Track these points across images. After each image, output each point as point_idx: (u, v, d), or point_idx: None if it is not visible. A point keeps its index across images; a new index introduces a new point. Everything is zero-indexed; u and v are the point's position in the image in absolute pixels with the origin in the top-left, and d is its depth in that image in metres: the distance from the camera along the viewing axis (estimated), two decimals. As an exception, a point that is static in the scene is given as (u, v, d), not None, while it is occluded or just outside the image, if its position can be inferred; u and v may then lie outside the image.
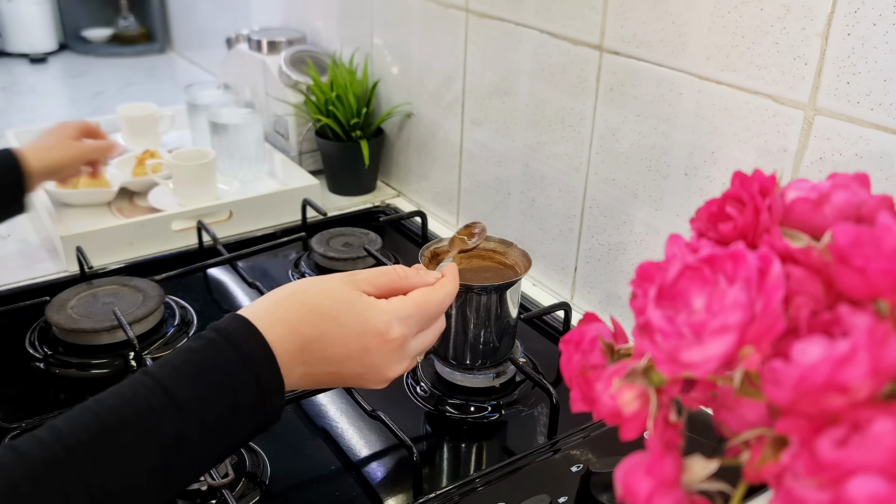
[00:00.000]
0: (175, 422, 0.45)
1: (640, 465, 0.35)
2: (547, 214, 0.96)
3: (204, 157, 1.14)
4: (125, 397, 0.45)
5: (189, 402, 0.46)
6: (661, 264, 0.38)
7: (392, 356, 0.54)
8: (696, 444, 0.62)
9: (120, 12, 2.21)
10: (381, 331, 0.53)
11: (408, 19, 1.12)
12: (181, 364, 0.48)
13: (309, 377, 0.52)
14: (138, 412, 0.45)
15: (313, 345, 0.51)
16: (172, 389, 0.46)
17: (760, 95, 0.68)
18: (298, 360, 0.51)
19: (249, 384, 0.48)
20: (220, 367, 0.48)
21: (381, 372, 0.54)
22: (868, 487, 0.28)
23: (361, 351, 0.52)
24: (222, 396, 0.47)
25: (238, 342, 0.49)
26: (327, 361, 0.52)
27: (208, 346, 0.48)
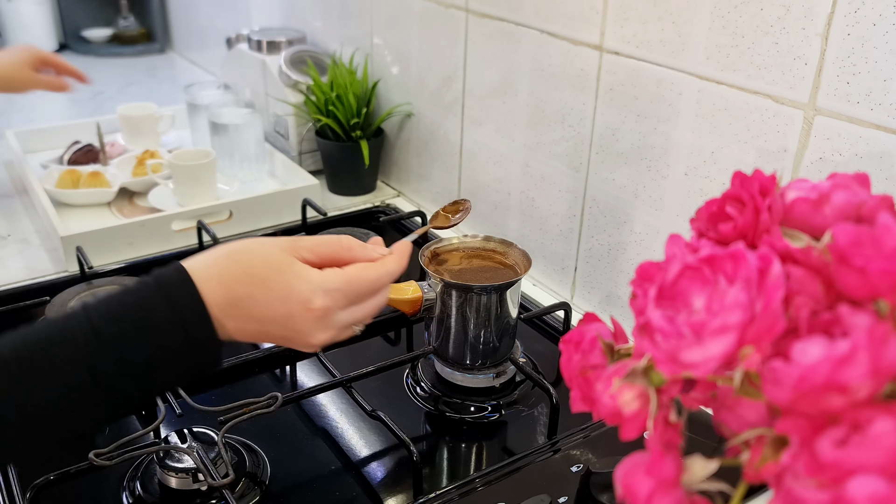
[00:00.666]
0: (93, 351, 0.48)
1: (640, 465, 0.35)
2: (547, 214, 0.96)
3: (204, 157, 1.14)
4: (56, 324, 0.50)
5: (110, 336, 0.49)
6: (661, 264, 0.38)
7: (314, 325, 0.55)
8: (696, 444, 0.62)
9: (120, 12, 2.21)
10: (305, 300, 0.54)
11: (408, 19, 1.12)
12: (113, 302, 0.51)
13: (241, 331, 0.54)
14: (64, 337, 0.48)
15: (242, 302, 0.53)
16: (97, 322, 0.49)
17: (760, 95, 0.68)
18: (229, 314, 0.53)
19: (175, 328, 0.51)
20: (146, 309, 0.50)
21: (304, 338, 0.56)
22: (868, 487, 0.28)
23: (285, 316, 0.54)
24: (144, 336, 0.50)
25: (169, 289, 0.52)
26: (255, 320, 0.54)
27: (142, 289, 0.52)
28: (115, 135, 1.41)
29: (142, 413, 0.75)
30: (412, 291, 0.76)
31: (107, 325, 0.49)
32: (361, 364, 0.76)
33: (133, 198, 1.20)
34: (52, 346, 0.48)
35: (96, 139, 1.29)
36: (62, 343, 0.48)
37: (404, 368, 0.81)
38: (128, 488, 0.65)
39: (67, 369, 0.48)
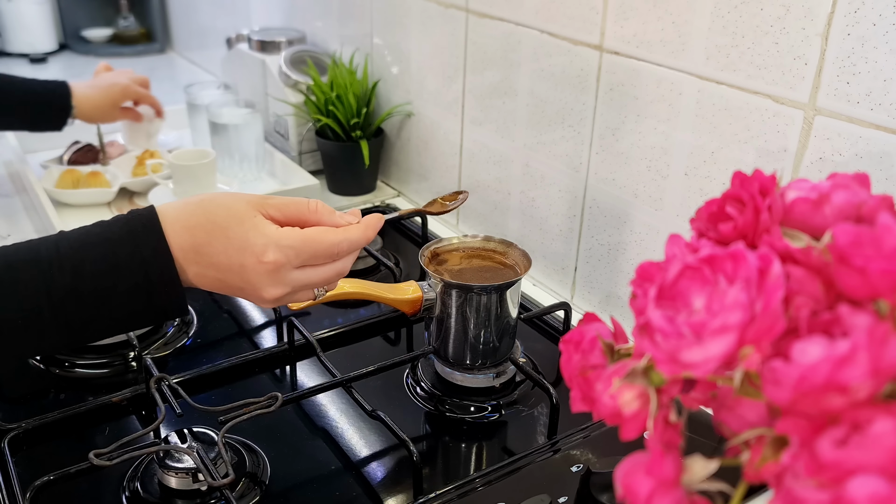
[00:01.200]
0: (55, 274, 0.52)
1: (640, 465, 0.35)
2: (547, 214, 0.96)
3: (204, 157, 1.14)
4: (30, 245, 0.53)
5: (72, 262, 0.52)
6: (661, 264, 0.38)
7: (265, 279, 0.57)
8: (696, 444, 0.62)
9: (120, 12, 2.21)
10: (257, 252, 0.56)
11: (408, 19, 1.12)
12: (83, 232, 0.54)
13: (202, 277, 0.57)
14: (30, 258, 0.52)
15: (203, 249, 0.56)
16: (63, 249, 0.53)
17: (760, 95, 0.68)
18: (191, 259, 0.56)
19: (135, 265, 0.53)
20: (111, 242, 0.54)
21: (257, 291, 0.57)
22: (868, 487, 0.28)
23: (240, 266, 0.56)
24: (104, 268, 0.53)
25: (136, 227, 0.55)
26: (214, 267, 0.56)
27: (112, 225, 0.55)
28: (115, 135, 1.41)
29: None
30: (412, 291, 0.76)
31: (71, 252, 0.52)
32: (361, 364, 0.76)
33: (133, 198, 1.20)
34: (19, 264, 0.51)
35: (96, 139, 1.29)
36: (27, 262, 0.52)
37: (404, 368, 0.81)
38: (128, 488, 0.65)
39: (27, 289, 0.51)
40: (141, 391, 0.75)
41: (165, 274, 0.54)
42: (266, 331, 0.89)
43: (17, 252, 0.52)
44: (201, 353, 0.85)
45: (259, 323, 0.91)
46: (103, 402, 0.74)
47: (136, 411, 0.75)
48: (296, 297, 0.60)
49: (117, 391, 0.75)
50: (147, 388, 0.73)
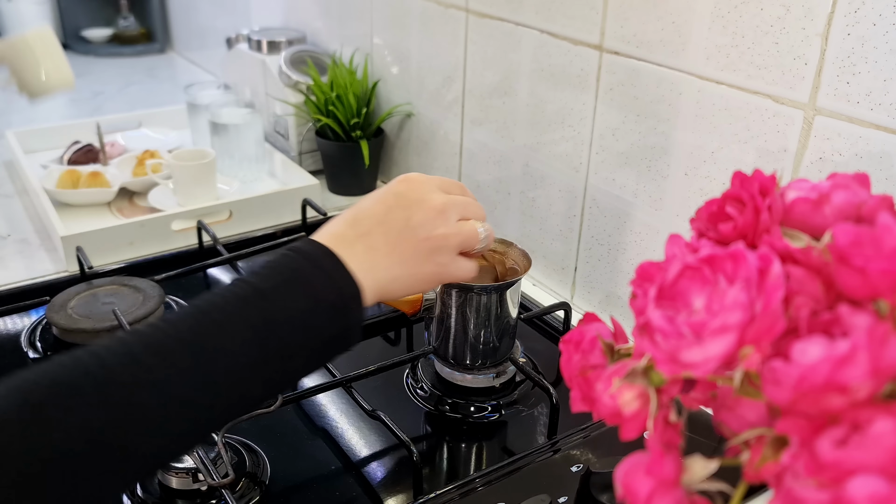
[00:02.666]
0: (261, 305, 0.48)
1: (640, 465, 0.35)
2: (547, 214, 0.96)
3: (204, 157, 1.14)
4: (213, 294, 0.49)
5: (273, 291, 0.49)
6: (661, 264, 0.38)
7: (422, 188, 0.58)
8: (696, 444, 0.62)
9: (120, 12, 2.22)
10: (400, 179, 0.59)
11: (408, 19, 1.12)
12: (259, 268, 0.51)
13: (372, 250, 0.54)
14: (226, 298, 0.48)
15: (356, 217, 0.56)
16: (255, 283, 0.50)
17: (760, 95, 0.68)
18: (351, 236, 0.54)
19: (325, 283, 0.51)
20: (293, 269, 0.51)
21: (423, 204, 0.57)
22: (868, 487, 0.28)
23: (395, 196, 0.57)
24: (300, 291, 0.50)
25: (304, 250, 0.53)
26: (375, 222, 0.56)
27: (281, 256, 0.52)
28: (115, 135, 1.41)
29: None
30: (412, 291, 0.76)
31: (264, 283, 0.50)
32: (361, 364, 0.76)
33: (133, 198, 1.20)
34: (219, 307, 0.48)
35: (96, 139, 1.29)
36: (226, 303, 0.48)
37: (404, 368, 0.81)
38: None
39: (239, 324, 0.47)
40: (141, 391, 0.75)
41: (348, 285, 0.52)
42: (266, 331, 0.89)
43: (211, 299, 0.49)
44: (201, 353, 0.85)
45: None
46: (103, 402, 0.74)
47: (136, 411, 0.75)
48: (464, 226, 0.59)
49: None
50: (147, 388, 0.73)
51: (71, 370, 0.43)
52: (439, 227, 0.57)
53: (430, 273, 0.57)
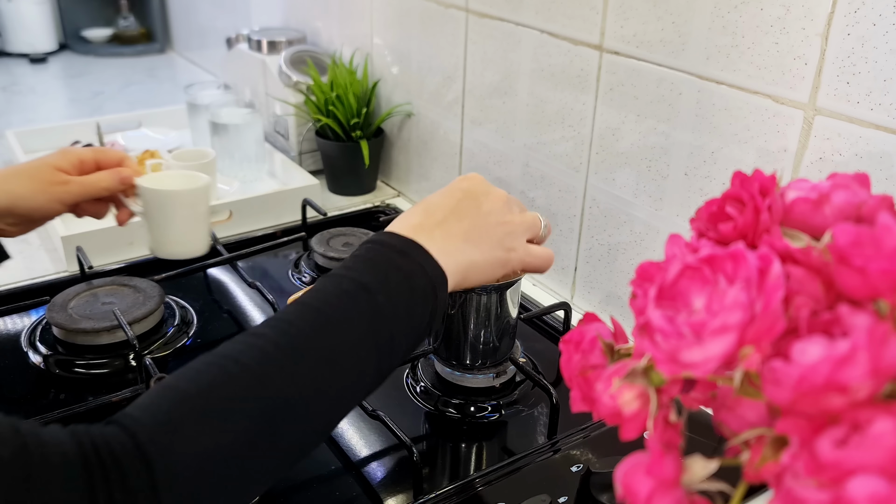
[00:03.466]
0: (366, 297, 0.50)
1: (640, 465, 0.35)
2: (547, 214, 0.96)
3: (204, 157, 1.14)
4: (318, 287, 0.52)
5: (373, 284, 0.51)
6: (661, 264, 0.38)
7: (485, 185, 0.61)
8: (696, 444, 0.62)
9: (120, 12, 2.22)
10: (462, 178, 0.62)
11: (408, 19, 1.12)
12: (352, 262, 0.53)
13: (449, 235, 0.57)
14: (333, 293, 0.51)
15: (428, 209, 0.58)
16: (357, 278, 0.52)
17: (760, 95, 0.68)
18: (428, 225, 0.57)
19: (416, 270, 0.53)
20: (386, 260, 0.53)
21: (490, 195, 0.61)
22: (868, 487, 0.28)
23: (463, 193, 0.60)
24: (399, 280, 0.52)
25: (390, 243, 0.55)
26: (449, 213, 0.58)
27: (367, 251, 0.54)
28: (115, 135, 1.41)
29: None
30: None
31: (363, 276, 0.51)
32: (361, 364, 0.76)
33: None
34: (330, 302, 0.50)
35: (96, 139, 1.29)
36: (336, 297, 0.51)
37: (404, 368, 0.81)
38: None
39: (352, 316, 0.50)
40: (141, 391, 0.75)
41: (433, 267, 0.54)
42: (266, 331, 0.89)
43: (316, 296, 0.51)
44: (201, 353, 0.85)
45: (259, 323, 0.91)
46: (103, 402, 0.74)
47: (136, 411, 0.75)
48: (527, 216, 0.63)
49: (117, 391, 0.75)
50: (147, 388, 0.73)
51: (215, 375, 0.46)
52: (506, 213, 0.61)
53: (503, 258, 0.60)
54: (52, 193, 0.70)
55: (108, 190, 0.74)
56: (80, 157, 0.73)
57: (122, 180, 0.75)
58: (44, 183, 0.70)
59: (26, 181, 0.70)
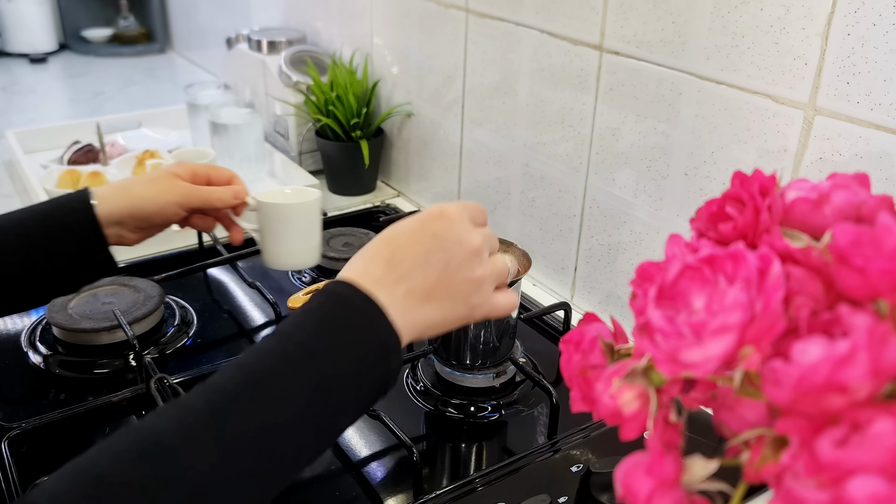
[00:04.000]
0: (311, 368, 0.47)
1: (640, 465, 0.35)
2: (547, 214, 0.96)
3: (204, 157, 1.14)
4: (261, 351, 0.48)
5: (319, 352, 0.48)
6: (661, 264, 0.38)
7: (458, 227, 0.56)
8: (696, 444, 0.62)
9: (120, 12, 2.22)
10: (435, 214, 0.56)
11: (408, 19, 1.12)
12: (302, 321, 0.50)
13: (410, 294, 0.53)
14: (276, 361, 0.47)
15: (394, 259, 0.54)
16: (304, 340, 0.48)
17: (760, 95, 0.68)
18: (391, 280, 0.53)
19: (368, 336, 0.50)
20: (339, 322, 0.50)
21: (461, 247, 0.55)
22: (868, 487, 0.28)
23: (432, 238, 0.55)
24: (348, 347, 0.49)
25: (347, 297, 0.51)
26: (414, 265, 0.54)
27: (322, 305, 0.51)
28: (115, 135, 1.41)
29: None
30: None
31: (311, 341, 0.48)
32: (361, 364, 0.76)
33: (133, 198, 1.20)
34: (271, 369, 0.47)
35: (96, 139, 1.29)
36: (279, 364, 0.47)
37: (404, 368, 0.81)
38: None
39: (292, 386, 0.47)
40: (141, 391, 0.75)
41: (389, 334, 0.51)
42: (266, 331, 0.89)
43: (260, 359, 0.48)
44: (201, 353, 0.85)
45: (259, 323, 0.91)
46: (103, 402, 0.74)
47: (136, 411, 0.75)
48: (495, 263, 0.58)
49: (117, 391, 0.75)
50: (147, 388, 0.73)
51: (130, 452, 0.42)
52: (476, 268, 0.56)
53: (463, 316, 0.57)
54: (172, 197, 0.72)
55: (222, 202, 0.75)
56: (194, 170, 0.75)
57: (236, 195, 0.76)
58: (164, 187, 0.72)
59: (147, 185, 0.71)
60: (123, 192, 0.70)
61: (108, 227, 0.69)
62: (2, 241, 0.66)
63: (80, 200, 0.68)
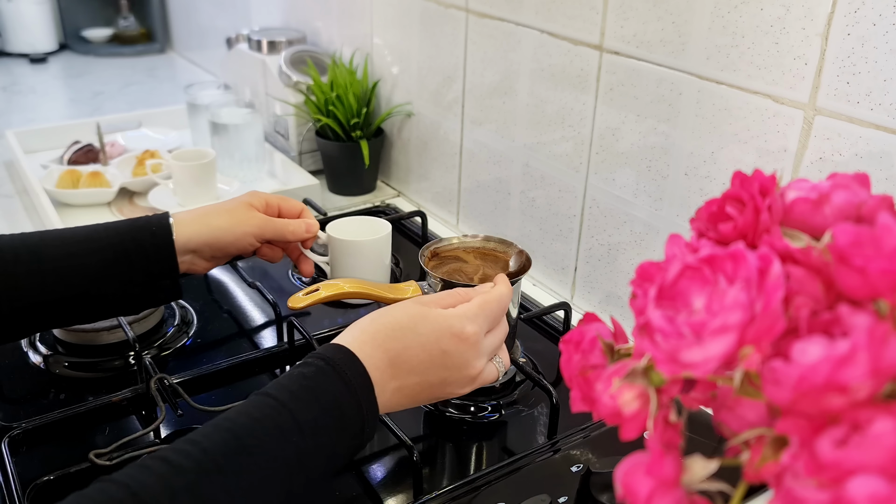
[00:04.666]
0: (298, 441, 0.49)
1: (640, 465, 0.35)
2: (547, 214, 0.96)
3: (204, 157, 1.14)
4: (254, 416, 0.49)
5: (308, 424, 0.50)
6: (661, 264, 0.38)
7: (469, 353, 0.57)
8: (696, 444, 0.62)
9: (120, 12, 2.22)
10: (456, 332, 0.57)
11: (408, 19, 1.12)
12: (297, 388, 0.51)
13: (400, 392, 0.56)
14: (268, 431, 0.48)
15: (399, 357, 0.55)
16: (294, 410, 0.49)
17: (760, 95, 0.68)
18: (389, 374, 0.55)
19: (354, 409, 0.52)
20: (331, 393, 0.52)
21: (463, 371, 0.58)
22: (868, 487, 0.28)
23: (441, 354, 0.56)
24: (333, 420, 0.51)
25: (343, 370, 0.53)
26: (414, 371, 0.56)
27: (318, 373, 0.52)
28: (115, 135, 1.41)
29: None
30: (412, 291, 0.76)
31: (302, 412, 0.50)
32: (361, 364, 0.76)
33: (133, 198, 1.20)
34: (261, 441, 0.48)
35: (96, 139, 1.29)
36: (269, 437, 0.48)
37: (404, 368, 0.81)
38: None
39: (277, 461, 0.48)
40: (141, 391, 0.75)
41: (373, 410, 0.53)
42: (266, 331, 0.89)
43: (253, 426, 0.49)
44: (201, 353, 0.85)
45: (259, 323, 0.91)
46: (103, 402, 0.74)
47: (136, 411, 0.75)
48: (489, 375, 0.61)
49: (117, 391, 0.75)
50: (147, 388, 0.73)
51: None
52: (466, 387, 0.59)
53: (428, 402, 0.61)
54: (249, 228, 0.74)
55: (295, 235, 0.78)
56: (267, 201, 0.77)
57: (309, 229, 0.79)
58: (241, 218, 0.73)
59: (225, 216, 0.73)
60: (201, 221, 0.71)
61: (183, 255, 0.70)
62: (71, 254, 0.66)
63: (160, 225, 0.69)
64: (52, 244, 0.66)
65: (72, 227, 0.68)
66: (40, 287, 0.64)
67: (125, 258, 0.67)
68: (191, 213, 0.72)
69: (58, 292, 0.64)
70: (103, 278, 0.66)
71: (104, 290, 0.66)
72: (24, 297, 0.64)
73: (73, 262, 0.65)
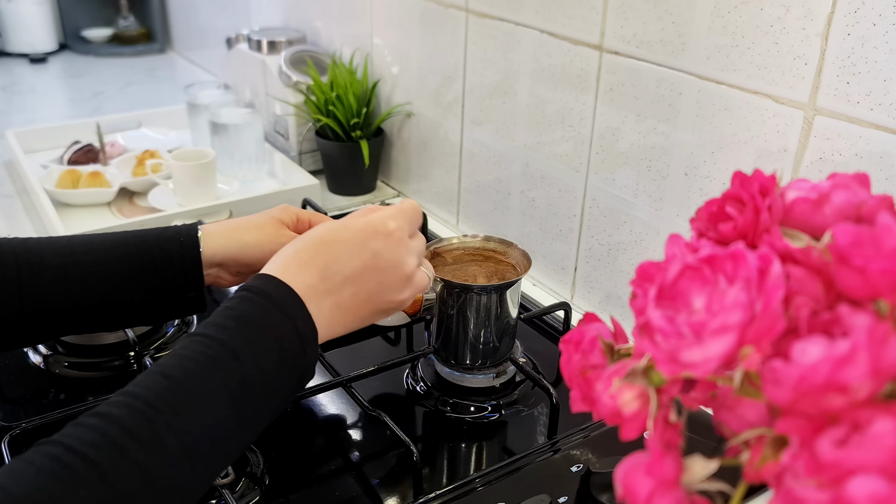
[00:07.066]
0: (235, 367, 0.48)
1: (640, 465, 0.35)
2: (547, 214, 0.96)
3: (204, 157, 1.14)
4: (183, 354, 0.48)
5: (241, 349, 0.49)
6: (661, 264, 0.38)
7: (399, 249, 0.57)
8: (696, 444, 0.62)
9: (120, 12, 2.21)
10: (380, 230, 0.56)
11: (408, 19, 1.12)
12: (223, 320, 0.50)
13: (339, 308, 0.55)
14: (200, 363, 0.48)
15: (330, 268, 0.55)
16: (223, 340, 0.49)
17: (760, 95, 0.68)
18: (323, 290, 0.54)
19: (288, 328, 0.51)
20: (259, 317, 0.51)
21: (398, 270, 0.57)
22: (868, 487, 0.28)
23: (372, 255, 0.56)
24: (268, 341, 0.50)
25: (269, 293, 0.52)
26: (349, 280, 0.55)
27: (243, 301, 0.52)
28: (115, 135, 1.41)
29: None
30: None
31: (233, 340, 0.49)
32: (361, 364, 0.76)
33: (133, 198, 1.20)
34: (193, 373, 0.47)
35: (96, 139, 1.29)
36: (201, 368, 0.48)
37: (404, 368, 0.81)
38: None
39: (216, 389, 0.47)
40: (141, 391, 0.75)
41: (310, 331, 0.53)
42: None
43: (182, 363, 0.48)
44: (201, 353, 0.85)
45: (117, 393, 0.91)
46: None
47: (136, 411, 0.75)
48: (420, 282, 0.60)
49: (117, 391, 0.75)
50: (147, 388, 0.73)
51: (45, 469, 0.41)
52: (405, 291, 0.59)
53: (372, 321, 0.60)
54: (277, 246, 0.71)
55: None
56: (298, 216, 0.76)
57: None
58: (270, 235, 0.71)
59: (255, 231, 0.71)
60: (230, 235, 0.70)
61: (209, 268, 0.69)
62: (97, 261, 0.65)
63: (189, 236, 0.68)
64: (80, 250, 0.65)
65: (101, 234, 0.68)
66: (65, 293, 0.63)
67: (151, 267, 0.66)
68: (220, 224, 0.71)
69: (82, 299, 0.64)
70: (127, 287, 0.65)
71: (127, 298, 0.66)
72: (48, 301, 0.63)
73: (100, 269, 0.64)
